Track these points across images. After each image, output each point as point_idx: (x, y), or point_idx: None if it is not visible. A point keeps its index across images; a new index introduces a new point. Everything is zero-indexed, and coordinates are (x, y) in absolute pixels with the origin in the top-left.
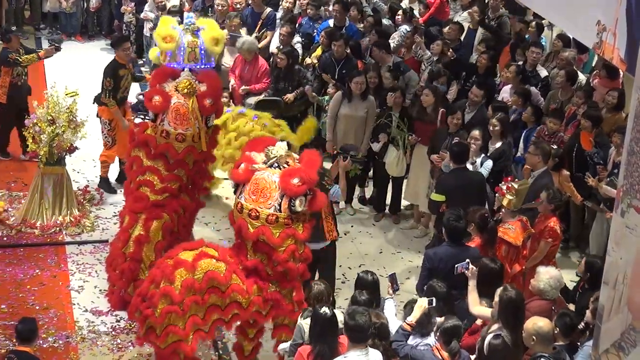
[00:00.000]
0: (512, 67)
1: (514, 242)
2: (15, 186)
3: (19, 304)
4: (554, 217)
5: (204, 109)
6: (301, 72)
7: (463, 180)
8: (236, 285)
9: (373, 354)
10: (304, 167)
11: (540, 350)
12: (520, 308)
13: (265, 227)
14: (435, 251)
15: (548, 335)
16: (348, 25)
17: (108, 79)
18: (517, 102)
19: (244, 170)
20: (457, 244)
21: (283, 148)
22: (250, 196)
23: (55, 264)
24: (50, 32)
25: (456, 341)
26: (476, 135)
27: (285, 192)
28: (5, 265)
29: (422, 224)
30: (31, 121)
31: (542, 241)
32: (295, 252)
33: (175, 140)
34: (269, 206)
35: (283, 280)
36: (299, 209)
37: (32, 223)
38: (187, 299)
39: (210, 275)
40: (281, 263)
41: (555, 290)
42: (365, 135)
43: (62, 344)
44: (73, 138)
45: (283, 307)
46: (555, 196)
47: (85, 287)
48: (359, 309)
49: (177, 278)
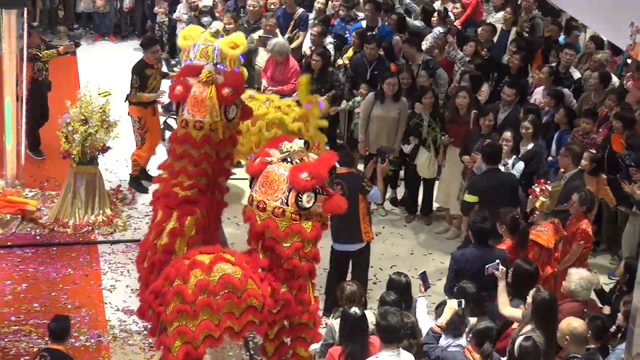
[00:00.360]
0: (544, 68)
1: (546, 244)
2: (48, 185)
3: (51, 303)
4: (586, 220)
5: (222, 98)
6: (334, 74)
7: (495, 182)
8: (252, 290)
9: (405, 356)
10: (315, 163)
11: (574, 351)
12: (553, 309)
13: (271, 219)
14: (462, 252)
15: (582, 336)
16: (380, 25)
17: (135, 76)
18: (549, 103)
19: (258, 163)
20: (483, 245)
21: (298, 144)
22: (259, 188)
23: (88, 263)
24: (84, 32)
25: (488, 343)
26: (508, 136)
27: (293, 185)
28: (38, 264)
29: (454, 226)
30: (64, 120)
31: (574, 243)
32: (301, 250)
33: (193, 128)
34: (276, 198)
35: (291, 279)
36: (306, 205)
37: (65, 222)
38: (200, 300)
39: (225, 278)
40: (285, 259)
41: (587, 291)
42: (397, 136)
43: (94, 343)
44: (106, 138)
45: (292, 308)
46: (587, 198)
47: (117, 287)
48: (391, 310)
49: (192, 278)
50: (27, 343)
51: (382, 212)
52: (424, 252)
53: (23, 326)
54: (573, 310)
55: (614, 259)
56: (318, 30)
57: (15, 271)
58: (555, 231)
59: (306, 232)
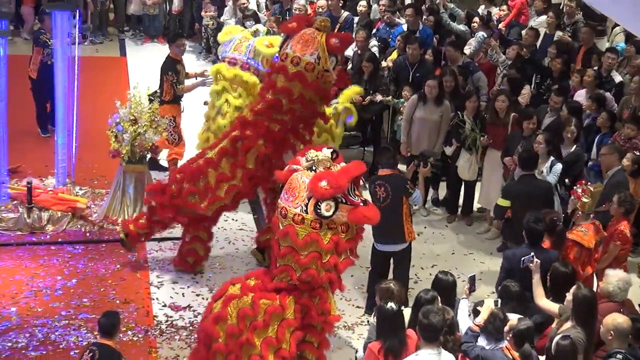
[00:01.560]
0: (589, 71)
1: (587, 244)
2: (98, 184)
3: (100, 298)
4: (626, 221)
5: (330, 45)
6: (383, 78)
7: (530, 187)
8: (270, 308)
9: (445, 356)
10: (335, 173)
11: (617, 346)
12: (593, 305)
13: (291, 226)
14: (514, 252)
15: (626, 331)
16: (422, 28)
17: (170, 73)
18: (591, 107)
19: (286, 170)
20: (535, 245)
21: (324, 153)
22: (284, 194)
23: (136, 259)
24: (134, 34)
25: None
26: (540, 139)
27: (312, 193)
28: (87, 260)
29: (495, 227)
30: (114, 120)
31: (611, 244)
32: (319, 260)
33: (290, 62)
34: (297, 206)
35: (310, 289)
36: (325, 214)
37: (114, 220)
38: (233, 346)
39: (241, 314)
40: (302, 268)
41: (624, 292)
42: (438, 139)
43: (142, 338)
44: (154, 138)
45: (312, 316)
46: (626, 199)
47: (164, 283)
48: (433, 309)
49: (220, 333)
50: (77, 337)
51: (423, 212)
52: (465, 252)
53: (73, 320)
54: (610, 310)
55: None
56: (363, 35)
57: (65, 267)
58: (596, 232)
59: (322, 243)
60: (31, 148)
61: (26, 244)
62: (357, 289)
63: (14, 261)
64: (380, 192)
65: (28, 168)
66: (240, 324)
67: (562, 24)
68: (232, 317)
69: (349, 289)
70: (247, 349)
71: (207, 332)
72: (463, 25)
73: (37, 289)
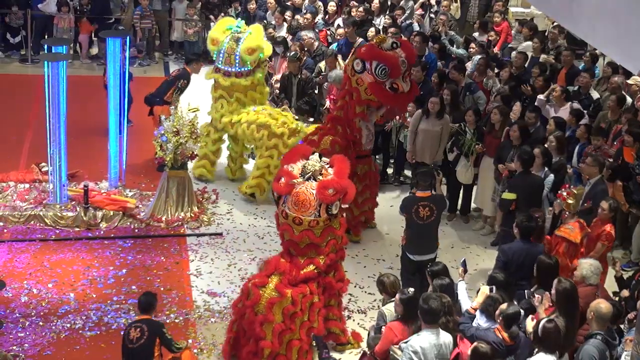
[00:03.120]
0: (557, 87)
1: (574, 240)
2: (145, 187)
3: (147, 286)
4: (610, 223)
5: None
6: None
7: (527, 182)
8: (305, 298)
9: (443, 335)
10: (336, 178)
11: (597, 329)
12: (574, 296)
13: (308, 230)
14: (510, 246)
15: (605, 316)
16: (427, 54)
17: (183, 80)
18: (571, 120)
19: (284, 184)
20: (527, 240)
21: (317, 161)
22: (293, 206)
23: (178, 252)
24: (176, 57)
25: (516, 326)
26: (537, 153)
27: (323, 201)
28: (136, 253)
29: (488, 224)
30: (159, 132)
31: (599, 243)
32: (336, 245)
33: None
34: (310, 214)
35: (331, 269)
36: (335, 212)
37: (159, 218)
38: (278, 340)
39: (286, 312)
40: (325, 255)
41: (596, 275)
42: (439, 147)
43: (182, 320)
44: (194, 147)
45: (333, 287)
46: (616, 206)
47: (202, 273)
48: (432, 295)
49: (266, 333)
50: (126, 319)
51: None
52: (463, 245)
53: (123, 305)
54: (586, 293)
55: (626, 253)
56: None
57: (117, 259)
58: (581, 229)
59: (336, 231)
60: (88, 156)
61: (83, 239)
62: (369, 277)
63: (72, 254)
64: (425, 211)
65: (85, 173)
66: (286, 320)
67: (546, 48)
68: (278, 317)
69: (362, 277)
70: (289, 335)
71: (254, 333)
72: (462, 49)
73: (92, 277)
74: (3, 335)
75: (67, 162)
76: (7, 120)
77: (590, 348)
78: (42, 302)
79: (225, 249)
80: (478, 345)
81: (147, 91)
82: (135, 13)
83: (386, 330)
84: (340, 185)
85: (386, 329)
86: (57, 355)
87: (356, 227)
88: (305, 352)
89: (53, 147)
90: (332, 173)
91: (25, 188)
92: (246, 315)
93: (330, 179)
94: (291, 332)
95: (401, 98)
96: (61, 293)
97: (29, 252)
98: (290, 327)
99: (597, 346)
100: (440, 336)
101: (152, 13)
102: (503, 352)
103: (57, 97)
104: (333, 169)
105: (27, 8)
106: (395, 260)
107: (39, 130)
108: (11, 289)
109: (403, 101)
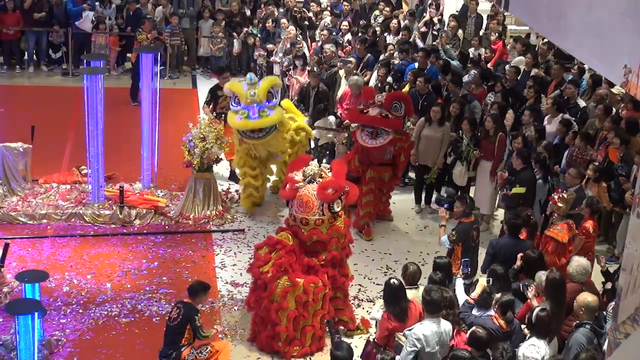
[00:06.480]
0: (548, 99)
1: (561, 240)
2: (175, 187)
3: (176, 277)
4: (591, 220)
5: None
6: None
7: (531, 176)
8: (317, 289)
9: (444, 324)
10: (334, 178)
11: (586, 319)
12: (562, 286)
13: (315, 229)
14: (498, 241)
15: (594, 309)
16: (429, 67)
17: (208, 94)
18: (561, 130)
19: (289, 189)
20: (514, 237)
21: (316, 165)
22: (298, 209)
23: (204, 247)
24: (203, 71)
25: (511, 312)
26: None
27: (324, 200)
28: (166, 247)
29: (484, 222)
30: (187, 138)
31: (577, 237)
32: (338, 243)
33: None
34: (314, 214)
35: (336, 264)
36: (338, 209)
37: (187, 216)
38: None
39: (299, 300)
40: (329, 252)
41: (582, 276)
42: (440, 152)
43: (208, 308)
44: (219, 152)
45: (337, 280)
46: (593, 202)
47: (227, 265)
48: (434, 287)
49: (282, 319)
50: (158, 307)
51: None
52: None
53: (155, 294)
54: (573, 289)
55: (610, 247)
56: (383, 72)
57: (149, 253)
58: (569, 230)
59: (340, 229)
60: (122, 159)
61: (118, 235)
62: (377, 270)
63: (109, 248)
64: (476, 234)
65: (120, 175)
66: (299, 307)
67: (537, 62)
68: (291, 304)
69: (371, 270)
70: (303, 322)
71: (271, 320)
72: (457, 62)
73: (127, 269)
74: (47, 322)
75: (104, 165)
76: (50, 127)
77: (579, 336)
78: (81, 292)
79: (247, 243)
80: (475, 330)
81: (177, 100)
82: (165, 31)
83: (382, 319)
84: (338, 184)
85: (382, 318)
86: (96, 339)
87: (365, 227)
88: (318, 338)
89: (92, 152)
90: (331, 175)
91: (66, 189)
92: (263, 305)
93: (329, 179)
94: (304, 319)
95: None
96: (99, 283)
97: (70, 246)
98: (303, 314)
99: (585, 334)
100: (441, 324)
101: (181, 31)
102: (500, 338)
103: (95, 106)
104: (332, 171)
105: (68, 27)
106: (401, 254)
107: (79, 136)
108: (54, 280)
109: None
